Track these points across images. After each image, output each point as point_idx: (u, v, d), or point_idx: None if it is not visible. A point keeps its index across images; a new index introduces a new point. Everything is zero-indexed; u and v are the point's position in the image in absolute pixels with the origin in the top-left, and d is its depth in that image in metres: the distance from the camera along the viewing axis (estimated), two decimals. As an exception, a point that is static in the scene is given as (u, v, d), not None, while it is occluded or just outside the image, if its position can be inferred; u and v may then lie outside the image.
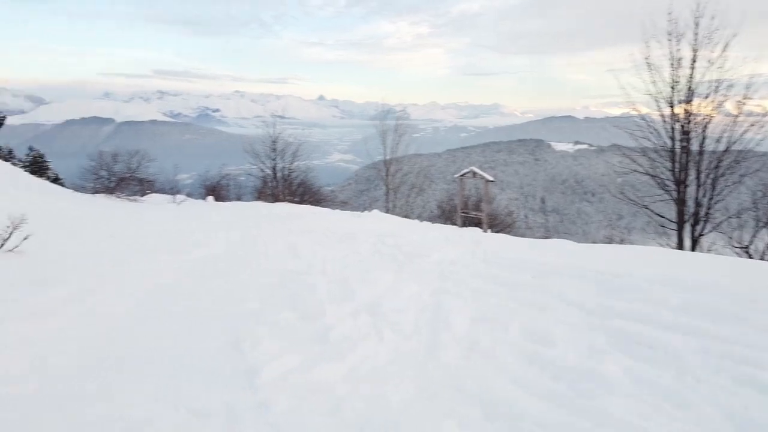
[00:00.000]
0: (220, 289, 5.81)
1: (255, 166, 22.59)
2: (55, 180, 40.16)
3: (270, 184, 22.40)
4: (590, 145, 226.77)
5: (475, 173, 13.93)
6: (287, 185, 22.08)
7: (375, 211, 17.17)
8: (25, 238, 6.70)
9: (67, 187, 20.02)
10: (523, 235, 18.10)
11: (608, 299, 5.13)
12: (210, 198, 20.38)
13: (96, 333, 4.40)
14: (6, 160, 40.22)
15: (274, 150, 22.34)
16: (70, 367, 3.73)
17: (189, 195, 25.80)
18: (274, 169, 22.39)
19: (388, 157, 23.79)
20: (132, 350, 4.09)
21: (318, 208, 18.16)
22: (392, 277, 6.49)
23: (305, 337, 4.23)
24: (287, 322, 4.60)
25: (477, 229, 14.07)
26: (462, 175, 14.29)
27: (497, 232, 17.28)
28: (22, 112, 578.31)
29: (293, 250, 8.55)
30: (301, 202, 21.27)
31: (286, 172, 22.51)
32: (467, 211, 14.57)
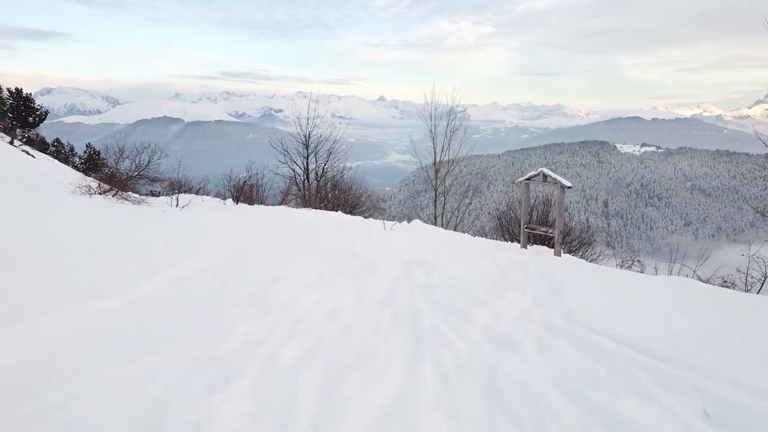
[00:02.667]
0: None
1: (285, 164, 19.74)
2: (110, 177, 39.70)
3: (299, 186, 19.54)
4: (658, 147, 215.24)
5: (545, 176, 10.34)
6: (319, 188, 19.13)
7: (416, 222, 13.90)
8: None
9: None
10: (601, 256, 14.28)
11: None
12: (229, 201, 17.76)
13: None
14: (66, 157, 40.00)
15: (306, 147, 19.40)
16: None
17: (218, 195, 23.45)
18: (306, 169, 19.48)
19: (438, 159, 20.37)
20: None
21: (349, 217, 15.10)
22: (393, 395, 3.19)
23: None
24: None
25: (546, 250, 10.54)
26: (528, 179, 10.73)
27: (570, 251, 13.60)
28: (99, 112, 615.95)
29: (264, 298, 5.47)
30: (335, 208, 18.29)
31: (320, 173, 19.54)
32: (533, 227, 10.96)
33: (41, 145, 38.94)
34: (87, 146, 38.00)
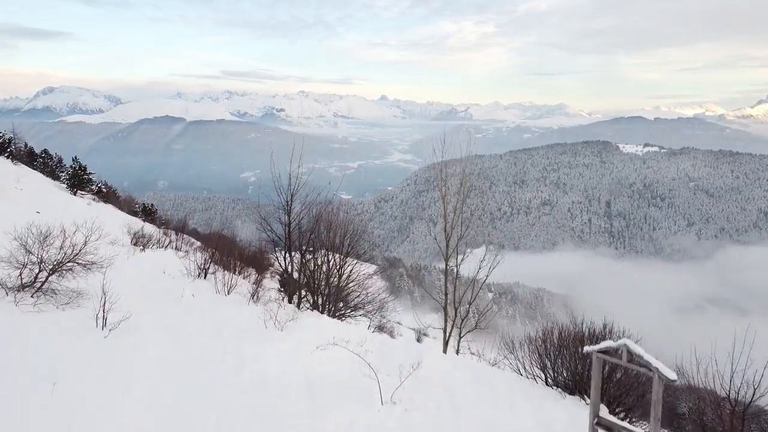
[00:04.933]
0: None
1: (261, 232, 15.85)
2: (98, 192, 35.53)
3: (280, 263, 15.72)
4: (661, 147, 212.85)
5: (632, 355, 6.51)
6: (302, 268, 15.25)
7: (427, 357, 10.06)
8: None
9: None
10: None
11: None
12: (188, 291, 13.94)
13: None
14: (54, 170, 35.85)
15: (288, 214, 15.39)
16: None
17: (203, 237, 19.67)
18: (288, 238, 15.50)
19: (448, 226, 16.44)
20: None
21: (334, 334, 11.27)
22: None
23: None
24: None
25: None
26: (603, 351, 6.90)
27: (629, 418, 9.76)
28: (101, 111, 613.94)
29: None
30: (336, 310, 14.56)
31: (304, 245, 15.55)
32: (611, 424, 7.14)
33: (29, 157, 35.19)
34: (73, 160, 34.07)
